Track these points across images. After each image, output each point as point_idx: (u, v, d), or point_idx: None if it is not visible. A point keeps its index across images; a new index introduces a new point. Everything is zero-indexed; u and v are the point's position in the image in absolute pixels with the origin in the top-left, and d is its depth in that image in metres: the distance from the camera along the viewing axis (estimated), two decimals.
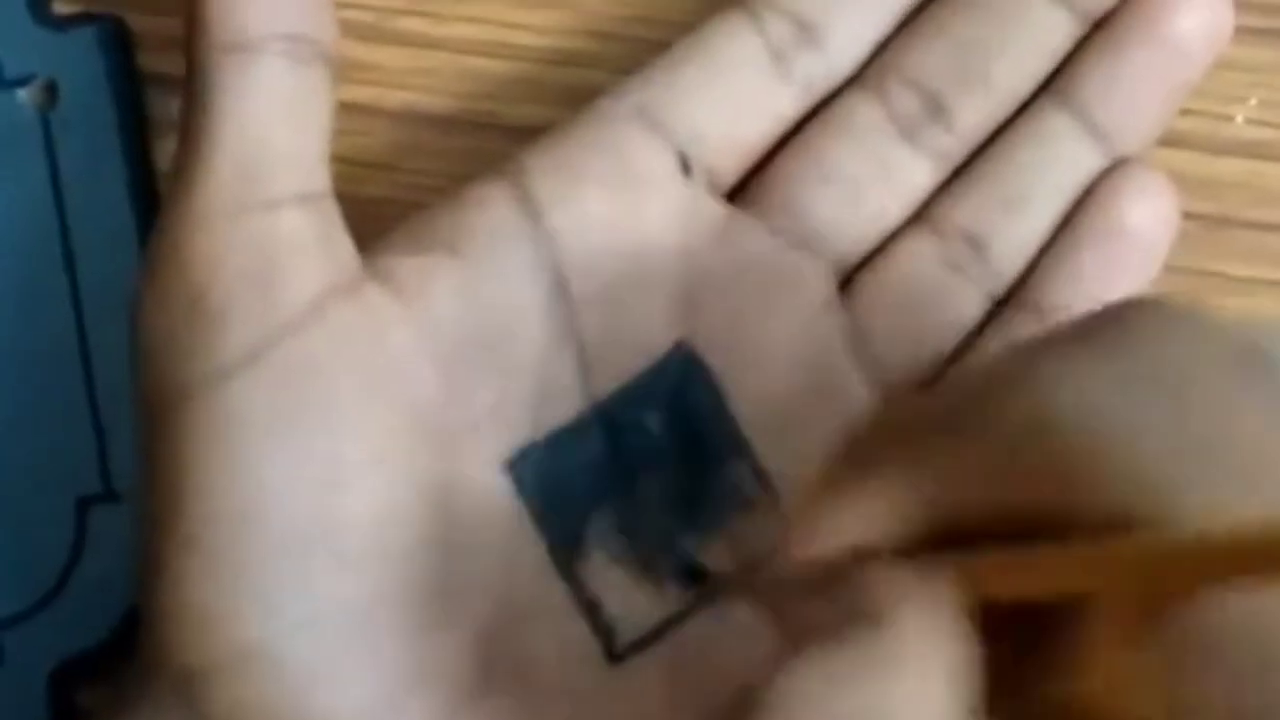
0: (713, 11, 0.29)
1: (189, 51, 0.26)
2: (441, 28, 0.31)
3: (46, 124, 0.30)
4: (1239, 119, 0.31)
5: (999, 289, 0.29)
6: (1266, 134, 0.31)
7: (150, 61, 0.31)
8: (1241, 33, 0.30)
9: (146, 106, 0.31)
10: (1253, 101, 0.31)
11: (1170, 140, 0.30)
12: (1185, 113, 0.30)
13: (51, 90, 0.30)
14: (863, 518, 0.23)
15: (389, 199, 0.31)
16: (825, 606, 0.23)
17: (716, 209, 0.29)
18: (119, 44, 0.31)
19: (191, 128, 0.26)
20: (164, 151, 0.31)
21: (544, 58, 0.31)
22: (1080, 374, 0.22)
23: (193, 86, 0.26)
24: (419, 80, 0.31)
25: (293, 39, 0.26)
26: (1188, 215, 0.30)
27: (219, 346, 0.25)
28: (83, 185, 0.30)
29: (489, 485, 0.27)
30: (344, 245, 0.26)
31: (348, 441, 0.25)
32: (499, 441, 0.27)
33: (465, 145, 0.31)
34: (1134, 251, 0.29)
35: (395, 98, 0.31)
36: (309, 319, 0.25)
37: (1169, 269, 0.29)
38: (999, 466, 0.22)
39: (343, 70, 0.27)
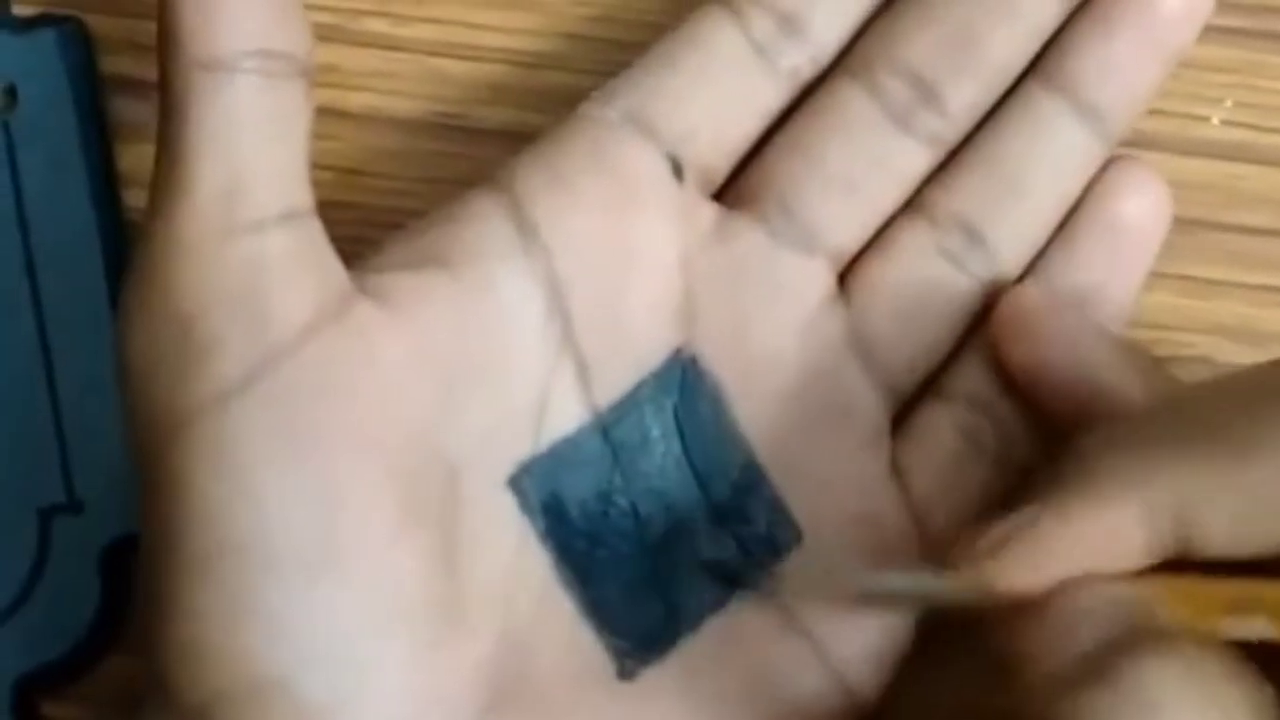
0: (680, 10, 0.29)
1: (161, 67, 0.25)
2: (404, 29, 0.31)
3: (6, 128, 0.30)
4: (1214, 120, 0.31)
5: (999, 277, 0.29)
6: (1242, 135, 0.31)
7: (111, 64, 0.31)
8: (1217, 33, 0.30)
9: (108, 109, 0.31)
10: (1228, 103, 0.31)
11: (1144, 142, 0.30)
12: (1160, 114, 0.30)
13: (11, 94, 0.30)
14: (1094, 545, 0.24)
15: (352, 203, 0.30)
16: (1067, 637, 0.23)
17: (711, 212, 0.29)
18: (79, 47, 0.30)
19: (168, 151, 0.25)
20: (126, 155, 0.31)
21: (508, 59, 0.31)
22: None
23: (166, 106, 0.25)
24: (382, 83, 0.31)
25: (266, 55, 0.25)
26: None
27: (212, 375, 0.24)
28: (44, 190, 0.30)
29: (491, 502, 0.27)
30: (331, 263, 0.26)
31: (346, 463, 0.25)
32: (500, 457, 0.27)
33: (429, 148, 0.31)
34: (1129, 243, 0.29)
35: (358, 100, 0.31)
36: (301, 341, 0.25)
37: None
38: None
39: None
